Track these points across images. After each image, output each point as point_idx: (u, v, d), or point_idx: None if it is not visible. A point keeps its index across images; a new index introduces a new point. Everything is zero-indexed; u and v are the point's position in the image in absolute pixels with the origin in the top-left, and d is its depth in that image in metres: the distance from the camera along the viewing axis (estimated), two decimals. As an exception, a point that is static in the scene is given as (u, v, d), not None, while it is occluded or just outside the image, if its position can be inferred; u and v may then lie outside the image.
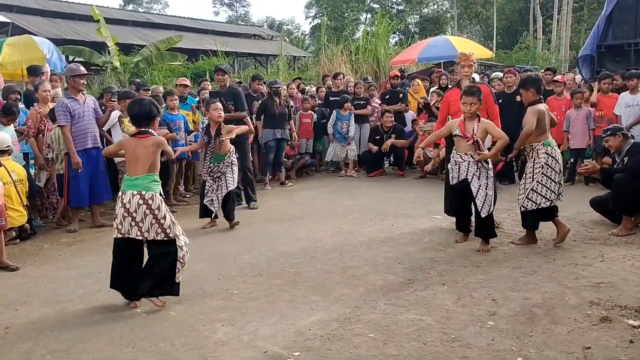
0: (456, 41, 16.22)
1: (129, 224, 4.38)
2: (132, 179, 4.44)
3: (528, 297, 4.48)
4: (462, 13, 43.04)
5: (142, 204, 4.36)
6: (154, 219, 4.38)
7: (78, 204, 7.22)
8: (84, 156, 7.00)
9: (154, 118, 4.60)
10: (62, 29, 19.70)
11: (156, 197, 4.42)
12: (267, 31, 33.75)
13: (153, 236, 4.41)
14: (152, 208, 4.37)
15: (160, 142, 4.54)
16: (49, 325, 4.20)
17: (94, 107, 7.24)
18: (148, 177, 4.44)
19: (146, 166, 4.44)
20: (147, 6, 56.18)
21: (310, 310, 4.35)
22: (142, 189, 4.39)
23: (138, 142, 4.47)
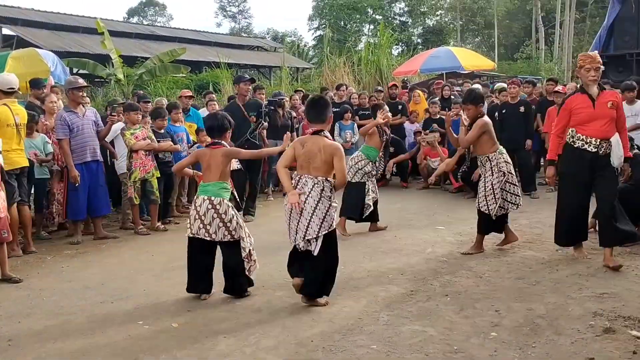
0: (458, 52, 16.33)
1: (198, 226, 4.79)
2: (204, 185, 4.91)
3: (531, 308, 4.46)
4: (465, 25, 43.18)
5: (210, 208, 4.75)
6: (220, 222, 4.76)
7: (76, 217, 7.23)
8: (83, 169, 7.02)
9: (226, 130, 5.06)
10: (66, 41, 19.83)
11: (224, 203, 4.80)
12: (269, 43, 33.90)
13: (220, 238, 4.79)
14: (219, 212, 4.75)
15: (229, 152, 5.03)
16: (51, 338, 4.20)
17: (94, 119, 7.24)
18: (218, 184, 4.85)
19: (217, 174, 4.86)
20: (151, 19, 56.59)
21: (313, 321, 4.34)
22: (212, 195, 4.80)
23: (212, 152, 4.91)
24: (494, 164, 6.05)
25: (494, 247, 6.23)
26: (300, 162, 4.62)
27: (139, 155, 7.46)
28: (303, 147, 4.61)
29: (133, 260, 6.33)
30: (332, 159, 4.53)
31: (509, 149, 9.48)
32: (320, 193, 4.51)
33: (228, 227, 4.80)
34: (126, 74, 15.10)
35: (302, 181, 4.57)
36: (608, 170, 5.37)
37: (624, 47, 11.19)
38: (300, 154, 4.61)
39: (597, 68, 5.34)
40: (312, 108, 4.81)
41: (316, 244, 4.53)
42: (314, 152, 4.55)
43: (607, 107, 5.30)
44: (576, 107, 5.42)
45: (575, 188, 5.51)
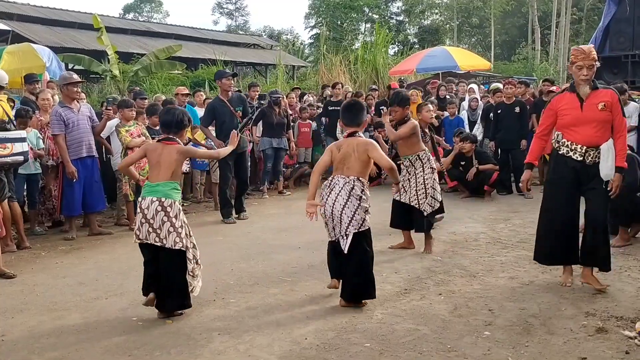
0: (455, 52, 16.36)
1: (147, 230, 4.34)
2: (153, 185, 4.40)
3: (524, 307, 4.48)
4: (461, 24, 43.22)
5: (160, 210, 4.31)
6: (171, 226, 4.32)
7: (70, 213, 7.21)
8: (78, 165, 7.01)
9: (183, 127, 4.61)
10: (62, 37, 19.75)
11: (175, 205, 4.38)
12: (266, 40, 33.85)
13: (171, 244, 4.32)
14: (170, 215, 4.32)
15: (186, 150, 4.66)
16: (45, 334, 4.20)
17: (89, 115, 7.23)
18: (170, 184, 4.41)
19: (168, 173, 4.41)
20: (147, 15, 56.37)
21: (307, 319, 4.35)
22: (163, 196, 4.35)
23: (164, 148, 4.46)
24: (425, 162, 6.17)
25: (492, 250, 6.25)
26: (335, 164, 4.70)
27: (133, 152, 7.44)
28: (339, 151, 4.68)
29: (127, 257, 6.32)
30: (366, 154, 4.59)
31: (504, 149, 9.65)
32: (349, 192, 4.55)
33: (179, 234, 4.34)
34: (122, 70, 15.06)
35: (334, 181, 4.65)
36: (597, 181, 4.70)
37: (619, 49, 11.22)
38: (337, 157, 4.67)
39: (590, 66, 4.60)
40: (348, 111, 4.84)
41: (345, 241, 4.56)
42: (348, 152, 4.62)
43: (597, 109, 4.61)
44: (562, 108, 4.76)
45: (560, 199, 4.84)
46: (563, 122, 4.79)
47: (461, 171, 9.33)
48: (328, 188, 4.68)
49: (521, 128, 9.49)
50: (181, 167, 4.58)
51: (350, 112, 4.84)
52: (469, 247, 6.30)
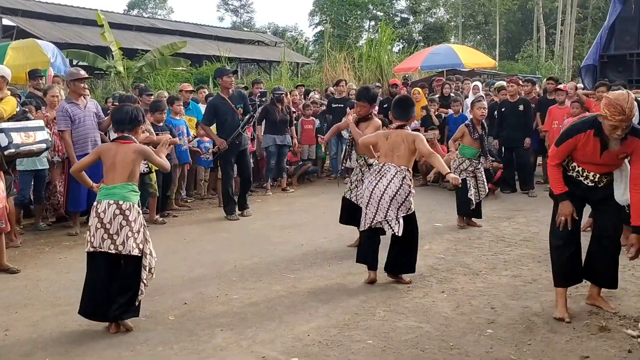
0: (459, 50, 16.28)
1: (101, 237, 4.01)
2: (109, 188, 4.12)
3: (527, 305, 4.48)
4: (466, 22, 43.17)
5: (118, 214, 4.02)
6: (129, 231, 4.02)
7: (76, 209, 7.21)
8: None
9: (137, 124, 4.35)
10: (66, 33, 19.77)
11: (134, 209, 4.09)
12: (270, 37, 33.84)
13: (129, 250, 4.01)
14: (128, 219, 4.03)
15: (142, 150, 4.26)
16: (48, 329, 4.21)
17: (95, 111, 7.20)
18: (126, 186, 4.13)
19: (125, 174, 4.13)
20: (151, 11, 56.44)
21: (309, 316, 4.35)
22: (120, 199, 4.06)
23: (118, 147, 4.21)
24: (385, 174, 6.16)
25: (495, 249, 6.24)
26: (384, 151, 5.13)
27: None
28: (387, 139, 5.12)
29: (131, 253, 6.34)
30: (414, 145, 5.02)
31: (508, 147, 9.63)
32: (402, 180, 4.96)
33: (136, 239, 4.05)
34: (126, 67, 15.09)
35: (385, 168, 5.04)
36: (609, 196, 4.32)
37: (624, 47, 11.17)
38: (385, 144, 5.12)
39: (626, 127, 3.91)
40: (399, 107, 5.31)
41: (398, 225, 4.96)
42: (398, 142, 5.05)
43: (616, 157, 4.15)
44: (581, 148, 4.19)
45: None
46: (578, 156, 4.26)
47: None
48: (378, 174, 5.05)
49: (525, 126, 9.46)
50: (139, 167, 4.30)
51: (401, 107, 5.31)
52: (472, 245, 6.30)
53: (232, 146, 7.77)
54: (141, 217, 4.17)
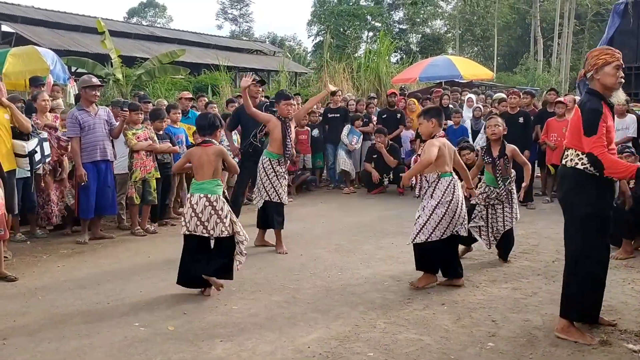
0: (457, 61, 16.33)
1: (195, 224, 4.93)
2: (199, 184, 5.02)
3: (528, 319, 4.47)
4: (464, 34, 43.37)
5: (207, 205, 4.92)
6: (217, 218, 4.92)
7: (85, 216, 7.20)
8: (93, 169, 7.00)
9: (215, 129, 5.17)
10: (65, 40, 19.76)
11: (220, 199, 4.97)
12: (269, 47, 33.91)
13: (218, 233, 4.94)
14: (216, 209, 4.93)
15: (220, 151, 5.09)
16: (46, 338, 4.18)
17: (106, 118, 7.20)
18: (212, 181, 5.00)
19: (210, 172, 5.00)
20: (151, 20, 56.59)
21: (310, 327, 4.33)
22: (208, 192, 4.96)
23: (203, 150, 5.04)
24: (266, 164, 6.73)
25: (494, 261, 6.24)
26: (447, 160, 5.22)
27: (140, 156, 7.47)
28: (446, 148, 5.20)
29: (129, 261, 6.32)
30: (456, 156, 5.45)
31: (507, 159, 9.62)
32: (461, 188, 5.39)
33: (225, 223, 4.94)
34: (125, 74, 15.05)
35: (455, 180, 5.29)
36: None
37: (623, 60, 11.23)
38: (445, 154, 5.19)
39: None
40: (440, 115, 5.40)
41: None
42: (450, 152, 5.29)
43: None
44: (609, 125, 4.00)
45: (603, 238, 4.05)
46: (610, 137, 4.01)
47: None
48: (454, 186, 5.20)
49: (524, 138, 9.45)
50: (220, 165, 5.07)
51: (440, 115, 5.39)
52: (471, 257, 6.28)
53: (250, 154, 7.61)
54: (226, 205, 5.03)
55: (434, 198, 5.18)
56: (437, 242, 5.14)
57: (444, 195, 5.14)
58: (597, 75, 4.05)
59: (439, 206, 5.13)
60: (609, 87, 4.06)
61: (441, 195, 5.15)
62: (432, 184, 5.22)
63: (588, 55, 4.19)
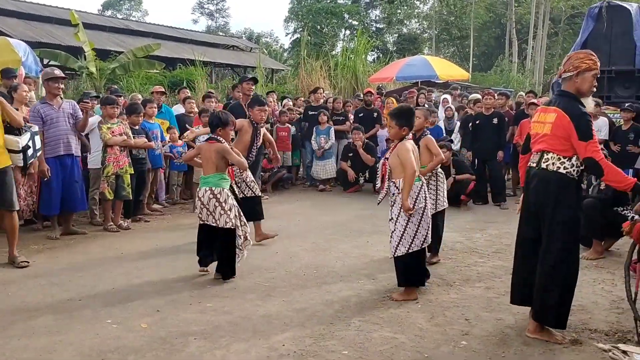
0: (434, 61, 16.44)
1: (206, 214, 5.35)
2: (204, 177, 5.41)
3: (501, 317, 4.51)
4: (440, 34, 43.66)
5: (212, 197, 5.29)
6: (222, 210, 5.29)
7: (48, 212, 7.06)
8: (57, 163, 6.80)
9: (217, 126, 5.46)
10: (38, 32, 19.40)
11: (224, 192, 5.33)
12: (245, 42, 33.71)
13: (223, 224, 5.30)
14: (220, 201, 5.29)
15: (221, 148, 5.35)
16: (16, 335, 4.10)
17: (71, 112, 7.00)
18: (216, 175, 5.35)
19: (213, 167, 5.35)
20: (126, 13, 55.86)
21: (284, 325, 4.32)
22: (213, 186, 5.32)
23: (208, 146, 5.40)
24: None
25: (469, 260, 6.29)
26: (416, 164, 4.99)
27: (113, 150, 7.32)
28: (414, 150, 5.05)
29: (101, 257, 6.23)
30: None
31: (481, 159, 9.73)
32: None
33: (229, 215, 5.30)
34: (99, 68, 14.83)
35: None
36: None
37: (596, 65, 11.41)
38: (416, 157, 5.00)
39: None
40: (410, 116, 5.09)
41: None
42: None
43: None
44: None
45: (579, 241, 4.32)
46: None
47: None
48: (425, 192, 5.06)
49: (499, 139, 9.58)
50: (223, 160, 5.36)
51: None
52: (445, 256, 6.33)
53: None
54: (231, 198, 5.39)
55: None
56: (419, 251, 4.96)
57: (417, 202, 4.89)
58: (577, 78, 4.05)
59: (414, 214, 4.87)
60: (582, 92, 4.09)
61: (413, 202, 4.87)
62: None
63: (572, 56, 4.16)
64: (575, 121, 3.93)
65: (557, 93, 4.25)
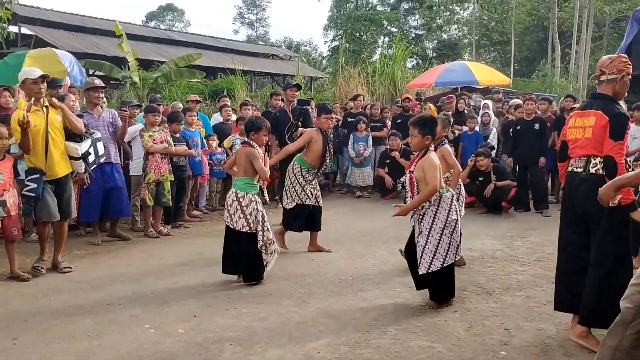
0: (474, 67, 16.25)
1: (226, 215, 5.46)
2: (235, 180, 5.58)
3: (542, 327, 4.40)
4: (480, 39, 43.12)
5: (235, 200, 5.39)
6: (241, 213, 5.36)
7: (87, 219, 7.21)
8: (96, 171, 6.83)
9: (255, 130, 5.52)
10: (84, 43, 19.94)
11: (247, 197, 5.40)
12: (285, 51, 33.97)
13: (239, 227, 5.36)
14: (241, 204, 5.37)
15: (249, 153, 5.43)
16: (57, 338, 4.19)
17: (110, 120, 7.15)
18: (244, 179, 5.47)
19: (242, 171, 5.48)
20: (169, 23, 56.96)
21: (320, 332, 4.30)
22: (238, 189, 5.45)
23: (242, 150, 5.53)
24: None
25: (509, 269, 6.17)
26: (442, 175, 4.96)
27: (154, 158, 7.45)
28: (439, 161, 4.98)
29: (142, 263, 6.32)
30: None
31: (522, 165, 9.55)
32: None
33: (248, 220, 5.36)
34: (142, 77, 15.14)
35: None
36: None
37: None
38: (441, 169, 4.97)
39: None
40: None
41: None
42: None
43: None
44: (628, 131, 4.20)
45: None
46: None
47: (478, 187, 9.24)
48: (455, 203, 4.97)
49: (540, 145, 9.39)
50: (250, 165, 5.42)
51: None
52: (485, 264, 6.22)
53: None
54: (254, 203, 5.43)
55: (439, 219, 4.77)
56: (451, 265, 4.85)
57: (449, 215, 4.79)
58: (620, 82, 4.04)
59: (447, 227, 4.77)
60: (620, 96, 4.11)
61: (446, 214, 4.77)
62: (434, 203, 4.78)
63: (615, 59, 4.09)
64: (613, 120, 3.91)
65: (593, 96, 4.19)
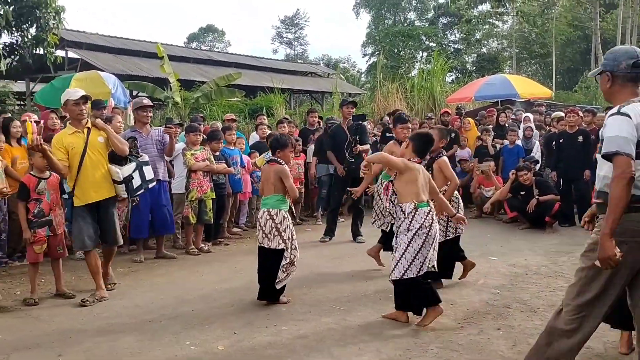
0: (514, 80, 16.02)
1: (261, 236, 5.34)
2: (264, 199, 5.48)
3: (589, 346, 4.24)
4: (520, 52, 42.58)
5: (268, 219, 5.30)
6: (276, 231, 5.27)
7: (138, 235, 7.35)
8: None
9: (280, 148, 5.48)
10: (127, 65, 20.47)
11: (280, 214, 5.31)
12: (323, 69, 34.18)
13: (275, 246, 5.27)
14: (276, 222, 5.28)
15: (279, 170, 5.37)
16: (100, 355, 4.25)
17: (159, 139, 7.30)
18: (274, 197, 5.37)
19: (271, 188, 5.37)
20: (210, 44, 58.04)
21: (360, 350, 4.26)
22: (270, 207, 5.34)
23: (269, 168, 5.46)
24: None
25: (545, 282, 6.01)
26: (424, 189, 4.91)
27: (197, 176, 7.57)
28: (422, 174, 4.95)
29: (183, 280, 6.39)
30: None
31: (566, 179, 9.33)
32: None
33: (282, 237, 5.28)
34: (183, 97, 15.44)
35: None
36: None
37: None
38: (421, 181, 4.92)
39: None
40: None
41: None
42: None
43: None
44: None
45: None
46: None
47: (521, 201, 9.06)
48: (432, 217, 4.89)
49: (585, 158, 9.16)
50: (280, 182, 5.34)
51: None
52: (529, 281, 6.08)
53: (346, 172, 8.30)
54: (287, 220, 5.35)
55: (410, 230, 4.70)
56: (414, 279, 4.71)
57: (422, 227, 4.68)
58: None
59: (416, 238, 4.68)
60: None
61: (418, 226, 4.68)
62: (408, 215, 4.73)
63: None
64: None
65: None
